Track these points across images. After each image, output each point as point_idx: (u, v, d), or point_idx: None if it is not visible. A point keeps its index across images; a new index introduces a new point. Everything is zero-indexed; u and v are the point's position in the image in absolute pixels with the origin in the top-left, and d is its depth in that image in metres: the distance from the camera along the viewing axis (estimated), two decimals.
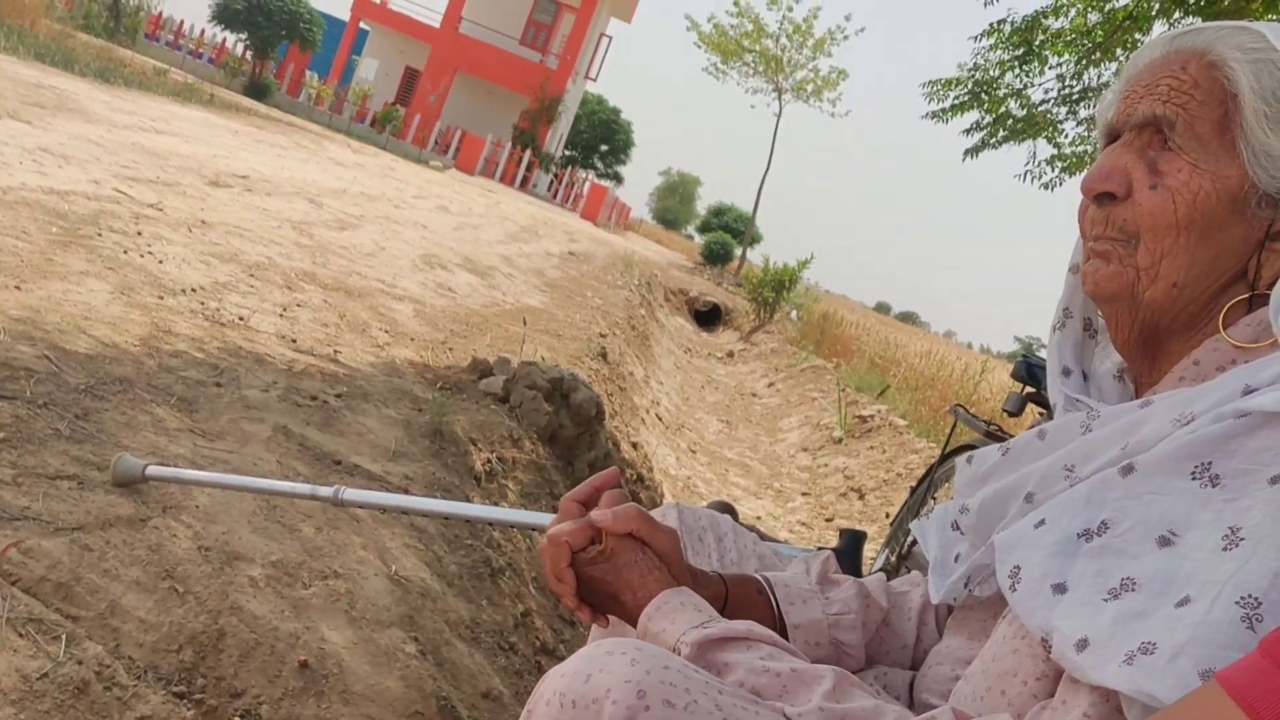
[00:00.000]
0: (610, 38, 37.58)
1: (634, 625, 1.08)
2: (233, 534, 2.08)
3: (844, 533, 1.81)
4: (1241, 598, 0.71)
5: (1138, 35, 5.71)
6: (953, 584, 1.08)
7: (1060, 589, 0.84)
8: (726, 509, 2.26)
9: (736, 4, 29.81)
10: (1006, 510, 1.01)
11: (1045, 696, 0.90)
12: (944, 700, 1.08)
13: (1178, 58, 0.96)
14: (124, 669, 1.58)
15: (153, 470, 2.01)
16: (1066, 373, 1.10)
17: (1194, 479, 0.80)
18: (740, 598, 1.20)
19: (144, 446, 2.28)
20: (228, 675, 1.74)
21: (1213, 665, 0.69)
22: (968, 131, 6.36)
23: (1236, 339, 0.92)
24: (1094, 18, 5.91)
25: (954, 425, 4.24)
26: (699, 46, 30.74)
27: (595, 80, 38.15)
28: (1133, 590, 0.78)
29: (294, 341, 3.72)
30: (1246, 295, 0.93)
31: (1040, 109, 6.11)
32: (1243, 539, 0.74)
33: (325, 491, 1.91)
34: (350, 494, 1.90)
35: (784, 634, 1.18)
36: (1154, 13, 5.59)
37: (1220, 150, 0.91)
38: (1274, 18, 5.34)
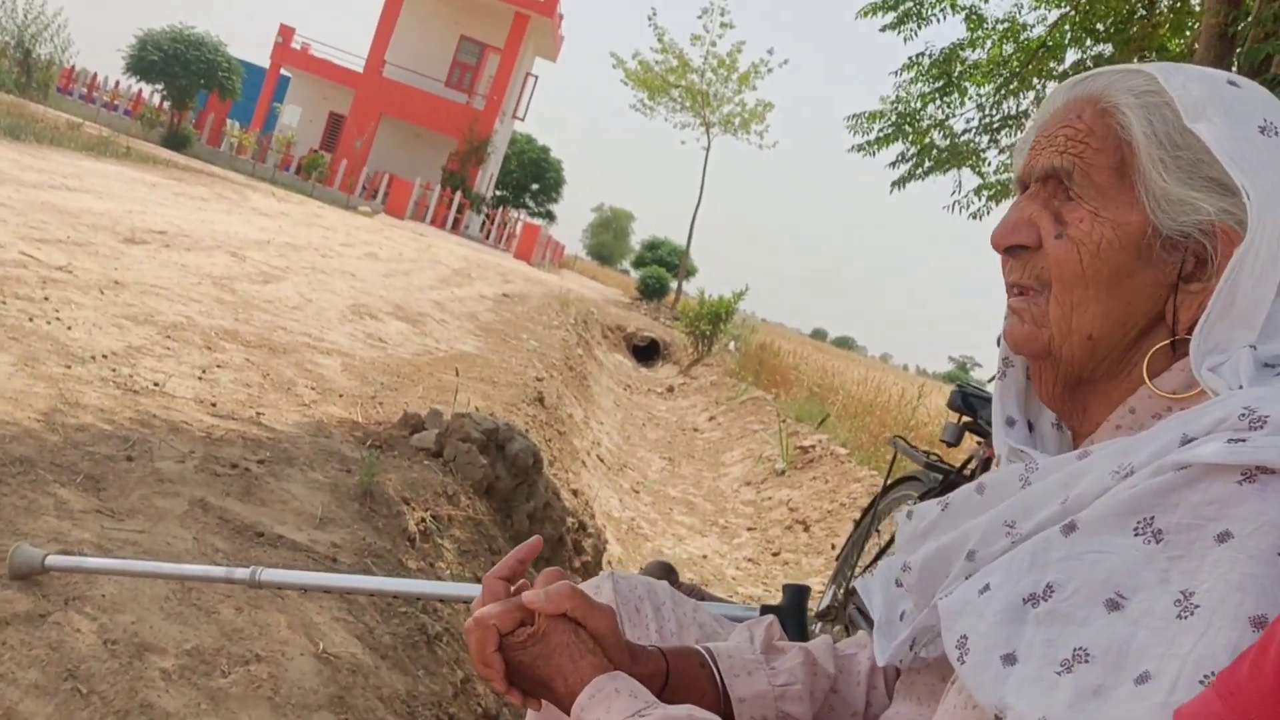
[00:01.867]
0: (536, 77, 37.75)
1: (567, 712, 1.02)
2: (142, 623, 1.95)
3: (787, 588, 1.74)
4: (1204, 676, 0.69)
5: (1052, 64, 5.82)
6: (898, 646, 1.05)
7: (1010, 659, 0.80)
8: (667, 571, 2.18)
9: (660, 40, 30.10)
10: (949, 568, 0.98)
11: None
12: None
13: (1075, 106, 0.95)
14: None
15: (53, 560, 1.88)
16: (1010, 423, 1.08)
17: (1136, 535, 0.77)
18: (682, 673, 1.15)
19: (45, 533, 2.13)
20: None
21: None
22: (894, 164, 6.43)
23: (1166, 387, 0.90)
24: (1009, 48, 6.02)
25: (894, 456, 4.21)
26: (625, 84, 30.97)
27: (523, 119, 38.27)
28: (1085, 662, 0.75)
29: (213, 405, 3.57)
30: (1168, 340, 0.91)
31: (963, 139, 6.19)
32: (1197, 606, 0.72)
33: (241, 573, 1.80)
34: (269, 574, 1.79)
35: (728, 707, 1.13)
36: (1067, 41, 5.71)
37: (1120, 196, 0.90)
38: (1180, 42, 5.47)
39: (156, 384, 3.55)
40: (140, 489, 2.56)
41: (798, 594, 1.78)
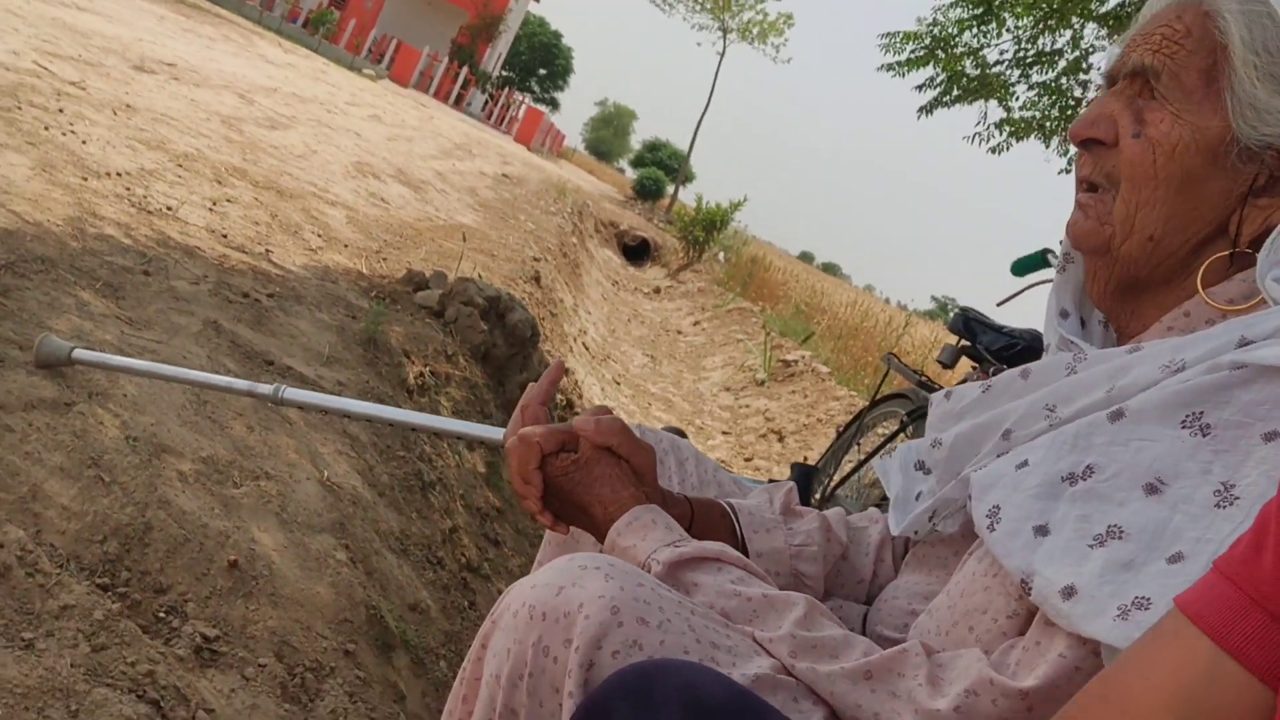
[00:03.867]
0: None
1: (600, 539, 1.06)
2: (161, 426, 1.99)
3: (795, 466, 1.81)
4: None
5: (1094, 4, 5.73)
6: (917, 517, 1.06)
7: (1042, 531, 0.82)
8: (680, 435, 2.23)
9: None
10: (981, 447, 0.99)
11: (1015, 634, 0.89)
12: (899, 634, 1.07)
13: (1177, 7, 0.94)
14: (46, 556, 1.50)
15: (80, 354, 1.91)
16: (1064, 315, 1.08)
17: (1184, 427, 0.79)
18: (705, 521, 1.18)
19: (68, 329, 2.16)
20: (153, 570, 1.67)
21: None
22: (921, 88, 6.35)
23: (1220, 297, 0.90)
24: None
25: (885, 373, 4.26)
26: None
27: (539, 1, 37.32)
28: (1119, 538, 0.77)
29: (225, 237, 3.57)
30: (1227, 252, 0.91)
31: (994, 70, 6.12)
32: (1237, 498, 0.74)
33: (265, 389, 1.83)
34: (291, 393, 1.83)
35: None
36: None
37: (1205, 101, 0.90)
38: None
39: (169, 208, 3.55)
40: (157, 303, 2.58)
41: (805, 472, 1.85)
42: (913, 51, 6.34)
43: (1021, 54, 6.08)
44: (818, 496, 4.06)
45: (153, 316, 2.50)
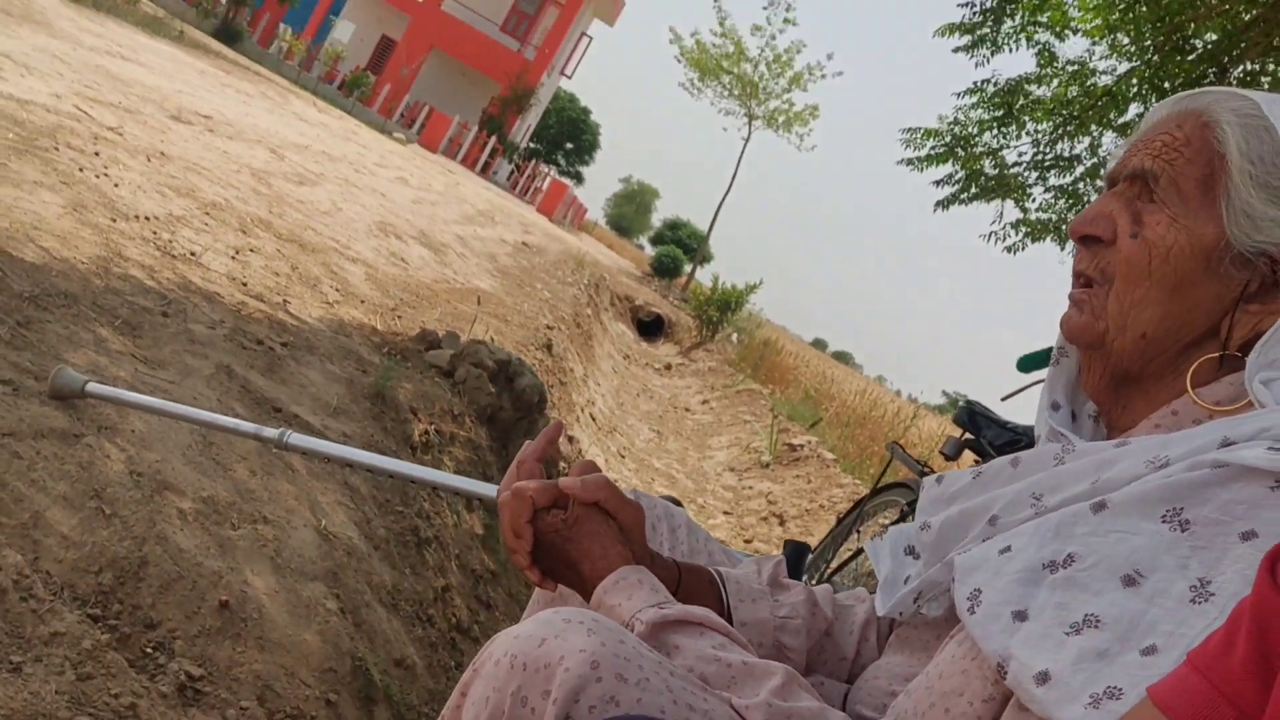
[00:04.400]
0: (591, 38, 37.53)
1: (586, 597, 1.07)
2: (166, 464, 2.02)
3: (788, 543, 1.82)
4: None
5: (1114, 114, 5.84)
6: (902, 598, 1.07)
7: (1021, 616, 0.84)
8: (675, 505, 2.25)
9: (721, 24, 29.94)
10: (968, 531, 1.01)
11: (990, 719, 0.89)
12: (877, 714, 1.08)
13: (1177, 117, 0.98)
14: (41, 583, 1.52)
15: (94, 387, 1.94)
16: (1055, 407, 1.10)
17: (1164, 522, 0.81)
18: (692, 587, 1.18)
19: (84, 363, 2.20)
20: (145, 605, 1.69)
21: None
22: (939, 183, 6.45)
23: (1210, 398, 0.92)
24: (1074, 91, 6.04)
25: (888, 461, 4.27)
26: (679, 60, 30.83)
27: (570, 78, 38.08)
28: (1095, 627, 0.78)
29: (244, 285, 3.63)
30: (1217, 354, 0.94)
31: (1013, 171, 6.22)
32: (1212, 594, 0.75)
33: (270, 433, 1.86)
34: (296, 439, 1.85)
35: None
36: (1132, 95, 5.74)
37: (1201, 207, 0.93)
38: None
39: (193, 254, 3.62)
40: (173, 344, 2.63)
41: (797, 549, 1.86)
42: (933, 148, 6.45)
43: (1040, 157, 6.18)
44: (814, 581, 4.04)
45: (168, 357, 2.54)
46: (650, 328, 20.38)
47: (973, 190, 6.35)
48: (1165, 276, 0.93)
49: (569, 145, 48.46)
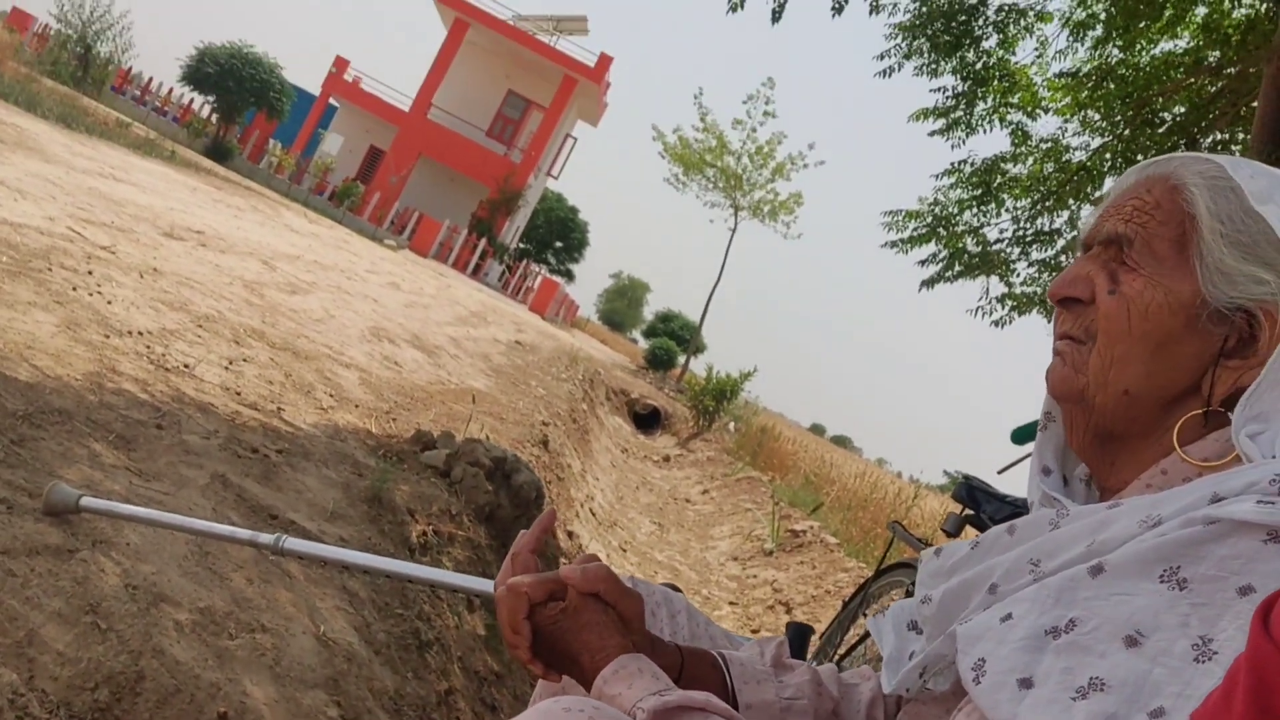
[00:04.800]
0: (575, 139, 38.28)
1: (587, 687, 1.06)
2: (162, 575, 2.01)
3: (791, 625, 1.80)
4: None
5: (1090, 188, 5.97)
6: (907, 673, 1.07)
7: (1026, 683, 0.83)
8: (675, 591, 2.23)
9: (703, 120, 30.53)
10: (969, 601, 1.00)
11: None
12: None
13: (1146, 182, 1.01)
14: (37, 701, 1.50)
15: (87, 501, 1.94)
16: (1046, 472, 1.11)
17: (1162, 581, 0.81)
18: (695, 671, 1.17)
19: (79, 479, 2.20)
20: None
21: None
22: (924, 263, 6.55)
23: (1196, 455, 0.93)
24: (1050, 167, 6.17)
25: (890, 541, 4.24)
26: (662, 156, 31.36)
27: (557, 178, 38.72)
28: (1101, 690, 0.78)
29: (238, 394, 3.65)
30: (1201, 410, 0.95)
31: (995, 247, 6.32)
32: (1215, 652, 0.75)
33: (266, 539, 1.86)
34: (292, 543, 1.85)
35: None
36: (1106, 169, 5.87)
37: (1176, 267, 0.95)
38: None
39: (187, 366, 3.64)
40: (167, 456, 2.63)
41: (800, 631, 1.83)
42: (915, 229, 6.56)
43: (1021, 233, 6.28)
44: (818, 665, 3.97)
45: (162, 469, 2.54)
46: (647, 420, 20.35)
47: (957, 268, 6.44)
48: (1146, 333, 0.95)
49: (558, 244, 49.04)
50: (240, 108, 25.32)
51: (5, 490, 1.97)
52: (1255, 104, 4.48)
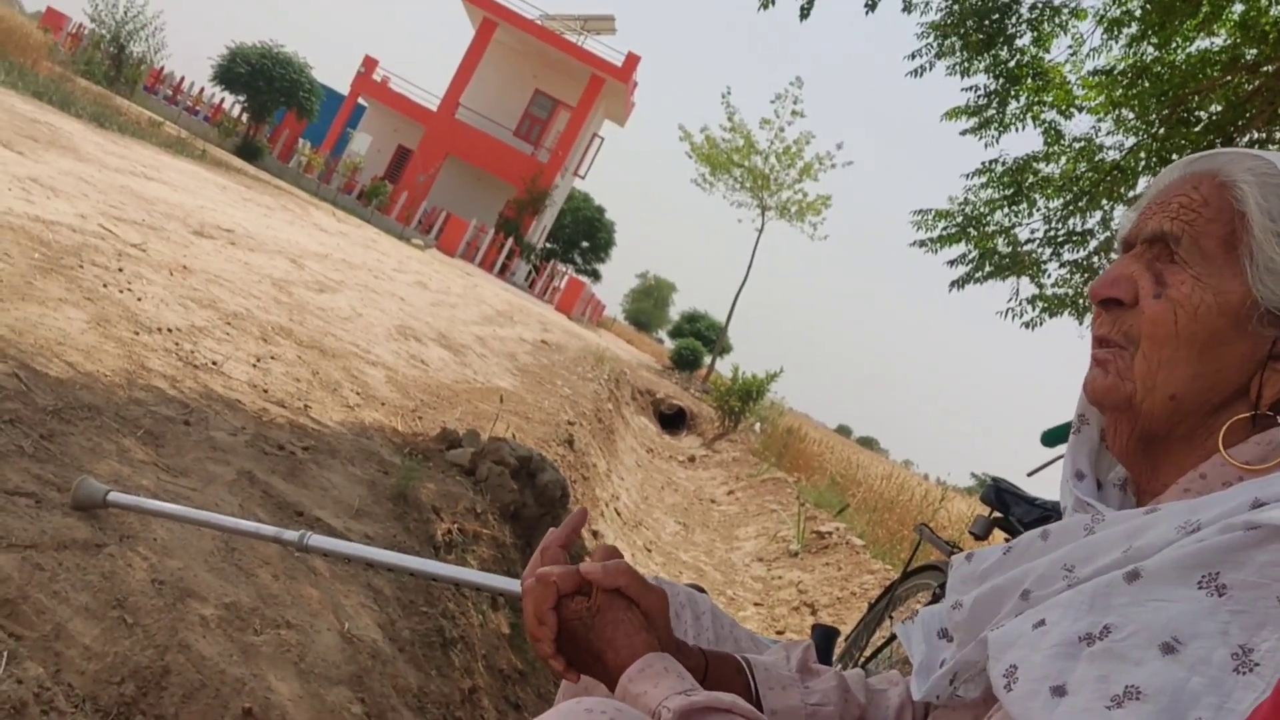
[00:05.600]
0: (603, 139, 38.32)
1: (611, 686, 1.04)
2: (188, 571, 2.01)
3: (816, 628, 1.78)
4: None
5: (1123, 188, 5.89)
6: (937, 680, 1.05)
7: (1060, 691, 0.81)
8: (699, 591, 2.21)
9: (730, 119, 30.46)
10: (1001, 607, 0.98)
11: None
12: None
13: (1192, 178, 0.98)
14: (63, 695, 1.50)
15: (115, 496, 1.95)
16: (1080, 476, 1.08)
17: (1200, 588, 0.79)
18: (719, 674, 1.16)
19: (107, 474, 2.22)
20: (168, 715, 1.66)
21: None
22: (953, 263, 6.49)
23: (1240, 457, 0.91)
24: (1083, 167, 6.10)
25: (917, 543, 4.21)
26: (689, 156, 31.31)
27: (584, 178, 38.78)
28: (1137, 699, 0.76)
29: (265, 391, 3.67)
30: (1248, 414, 0.92)
31: (1026, 248, 6.26)
32: (1257, 664, 0.73)
33: (290, 535, 1.86)
34: (316, 540, 1.85)
35: None
36: (1140, 168, 5.80)
37: (1225, 266, 0.92)
38: None
39: (215, 363, 3.66)
40: (195, 452, 2.64)
41: (826, 634, 1.81)
42: (945, 229, 6.50)
43: (1053, 233, 6.21)
44: (847, 669, 3.95)
45: (190, 465, 2.56)
46: (673, 420, 20.33)
47: (987, 269, 6.38)
48: (1194, 336, 0.92)
49: (585, 243, 49.05)
50: (270, 107, 25.50)
51: (34, 485, 1.99)
52: None
